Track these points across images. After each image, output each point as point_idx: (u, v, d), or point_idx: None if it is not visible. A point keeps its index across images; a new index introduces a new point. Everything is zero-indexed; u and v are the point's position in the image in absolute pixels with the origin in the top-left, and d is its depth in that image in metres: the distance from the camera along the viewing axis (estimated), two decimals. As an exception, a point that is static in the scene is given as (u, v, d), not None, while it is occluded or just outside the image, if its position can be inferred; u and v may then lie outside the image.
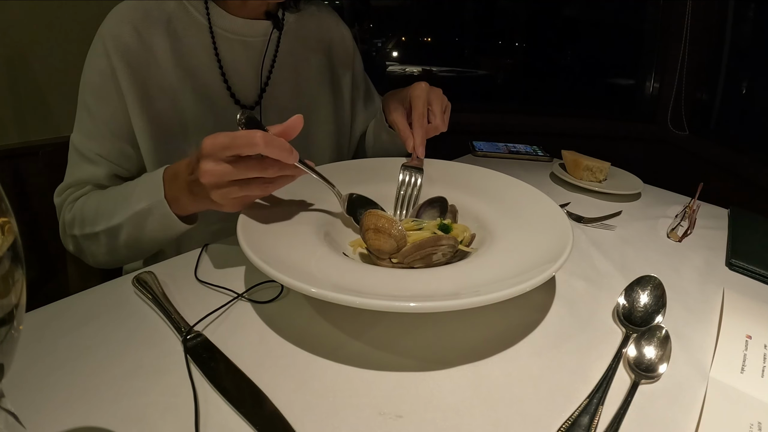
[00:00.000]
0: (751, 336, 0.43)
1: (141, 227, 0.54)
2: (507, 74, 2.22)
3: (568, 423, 0.33)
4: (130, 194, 0.55)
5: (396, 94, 0.70)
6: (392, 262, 0.48)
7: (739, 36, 1.57)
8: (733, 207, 0.77)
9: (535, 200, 0.56)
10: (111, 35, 0.61)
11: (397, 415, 0.33)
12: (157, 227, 0.54)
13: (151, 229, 0.54)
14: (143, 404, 0.33)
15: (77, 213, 0.61)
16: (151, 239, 0.56)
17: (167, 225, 0.53)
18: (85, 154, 0.63)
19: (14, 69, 1.13)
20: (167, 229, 0.54)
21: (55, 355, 0.37)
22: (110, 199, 0.59)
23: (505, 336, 0.42)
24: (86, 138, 0.63)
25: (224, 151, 0.43)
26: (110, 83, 0.61)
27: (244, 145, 0.43)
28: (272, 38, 0.72)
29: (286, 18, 0.76)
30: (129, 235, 0.56)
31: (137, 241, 0.56)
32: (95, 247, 0.60)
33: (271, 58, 0.73)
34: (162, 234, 0.55)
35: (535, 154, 1.03)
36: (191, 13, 0.66)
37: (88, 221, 0.59)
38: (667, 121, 1.71)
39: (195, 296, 0.46)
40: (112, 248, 0.58)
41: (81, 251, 0.63)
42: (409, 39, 2.23)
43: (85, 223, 0.60)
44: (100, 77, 0.62)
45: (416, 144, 0.61)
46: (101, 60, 0.61)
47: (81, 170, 0.63)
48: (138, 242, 0.56)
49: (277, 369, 0.37)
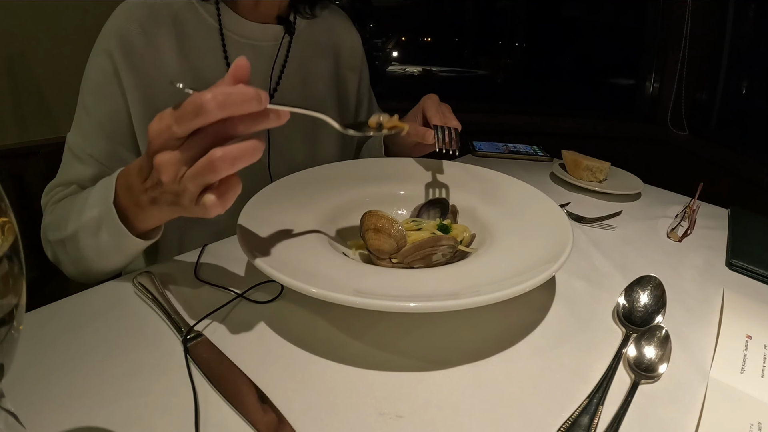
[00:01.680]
0: (751, 336, 0.43)
1: (95, 239, 0.47)
2: (507, 74, 2.22)
3: (568, 423, 0.33)
4: (86, 200, 0.49)
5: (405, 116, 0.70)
6: (392, 262, 0.48)
7: (739, 36, 1.57)
8: (733, 207, 0.77)
9: (535, 200, 0.56)
10: (116, 33, 0.60)
11: (397, 415, 0.33)
12: (110, 241, 0.47)
13: (107, 244, 0.47)
14: (143, 404, 0.33)
15: (55, 216, 0.57)
16: (109, 256, 0.49)
17: (119, 239, 0.46)
18: (76, 153, 0.61)
19: (14, 69, 1.13)
20: (120, 244, 0.46)
21: (55, 355, 0.37)
22: (76, 201, 0.53)
23: (505, 336, 0.42)
24: (80, 137, 0.61)
25: (175, 130, 0.34)
26: (112, 82, 0.60)
27: (193, 113, 0.33)
28: (283, 43, 0.71)
29: (299, 22, 0.74)
30: (86, 247, 0.49)
31: (96, 256, 0.49)
32: (64, 256, 0.53)
33: (281, 63, 0.71)
34: (118, 251, 0.48)
35: (535, 154, 1.03)
36: (201, 15, 0.65)
37: (57, 226, 0.54)
38: (667, 121, 1.72)
39: (195, 296, 0.46)
40: (76, 259, 0.52)
41: (57, 259, 0.56)
42: (409, 39, 2.23)
43: (56, 227, 0.54)
44: (102, 76, 0.60)
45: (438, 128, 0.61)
46: (104, 59, 0.60)
47: (71, 170, 0.61)
48: (99, 255, 0.49)
49: (277, 369, 0.37)
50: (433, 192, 0.61)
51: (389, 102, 0.93)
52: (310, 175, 0.60)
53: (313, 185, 0.58)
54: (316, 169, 0.62)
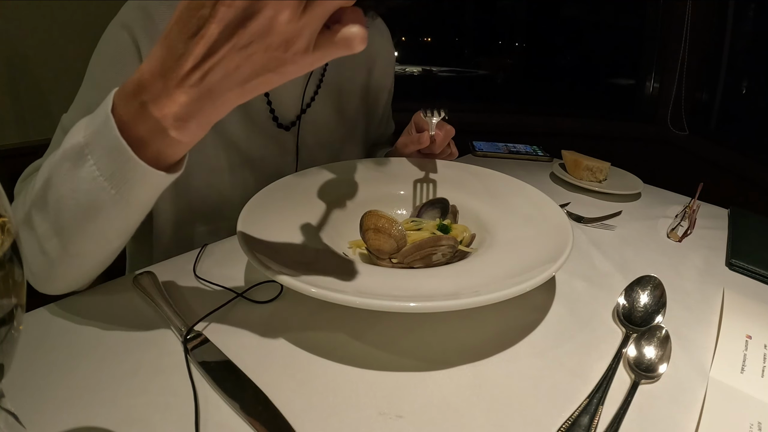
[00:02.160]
0: (751, 336, 0.43)
1: (76, 181, 0.32)
2: (507, 74, 2.22)
3: (568, 423, 0.33)
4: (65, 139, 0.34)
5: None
6: (392, 262, 0.48)
7: (739, 36, 1.57)
8: (733, 207, 0.77)
9: (535, 200, 0.56)
10: (141, 9, 0.53)
11: (397, 415, 0.33)
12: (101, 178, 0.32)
13: (94, 183, 0.32)
14: (143, 404, 0.33)
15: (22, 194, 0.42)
16: (96, 208, 0.33)
17: (117, 167, 0.31)
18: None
19: (14, 69, 1.13)
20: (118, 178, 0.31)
21: (55, 355, 0.37)
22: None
23: (505, 336, 0.42)
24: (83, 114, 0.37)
25: None
26: (130, 55, 0.52)
27: None
28: None
29: None
30: (61, 200, 0.34)
31: (77, 211, 0.33)
32: (31, 241, 0.37)
33: (319, 73, 0.68)
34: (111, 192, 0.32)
35: (535, 154, 1.03)
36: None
37: (22, 200, 0.39)
38: (667, 121, 1.72)
39: (195, 296, 0.46)
40: (46, 235, 0.36)
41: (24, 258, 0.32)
42: (409, 39, 2.23)
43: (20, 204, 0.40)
44: (119, 49, 0.52)
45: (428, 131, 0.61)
46: (121, 32, 0.53)
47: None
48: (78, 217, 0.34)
49: (277, 369, 0.37)
50: (434, 192, 0.61)
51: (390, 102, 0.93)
52: (310, 175, 0.60)
53: (313, 185, 0.58)
54: (316, 169, 0.62)
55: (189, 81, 0.28)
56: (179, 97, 0.28)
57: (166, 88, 0.28)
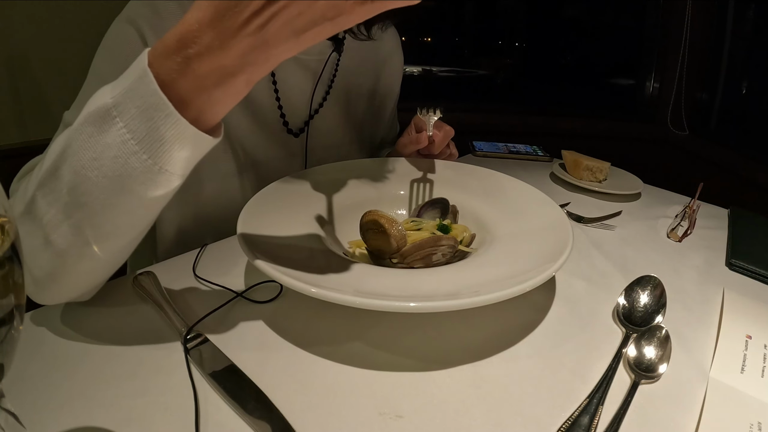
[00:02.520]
0: (751, 336, 0.43)
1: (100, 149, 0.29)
2: (507, 74, 2.22)
3: (568, 423, 0.33)
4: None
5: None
6: (392, 262, 0.48)
7: (739, 36, 1.57)
8: (733, 207, 0.77)
9: (535, 200, 0.56)
10: (149, 5, 0.52)
11: (397, 415, 0.33)
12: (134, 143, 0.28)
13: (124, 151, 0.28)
14: (143, 404, 0.33)
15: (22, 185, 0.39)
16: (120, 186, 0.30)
17: (156, 131, 0.28)
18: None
19: (14, 69, 1.13)
20: (157, 144, 0.28)
21: (55, 355, 0.37)
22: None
23: (505, 336, 0.42)
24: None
25: None
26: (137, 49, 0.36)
27: None
28: (330, 59, 0.66)
29: (349, 40, 0.69)
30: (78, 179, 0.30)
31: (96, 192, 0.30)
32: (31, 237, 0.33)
33: (328, 79, 0.68)
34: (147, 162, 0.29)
35: (535, 154, 1.03)
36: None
37: (22, 191, 0.35)
38: (667, 121, 1.72)
39: (195, 296, 0.46)
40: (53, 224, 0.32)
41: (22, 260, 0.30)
42: (409, 39, 2.23)
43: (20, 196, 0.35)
44: (125, 42, 0.51)
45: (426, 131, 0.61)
46: (128, 27, 0.51)
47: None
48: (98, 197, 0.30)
49: (277, 369, 0.37)
50: (433, 192, 0.61)
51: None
52: (310, 175, 0.60)
53: (313, 185, 0.58)
54: (317, 169, 0.62)
55: (247, 30, 0.26)
56: (235, 47, 0.26)
57: (220, 37, 0.26)
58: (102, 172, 0.29)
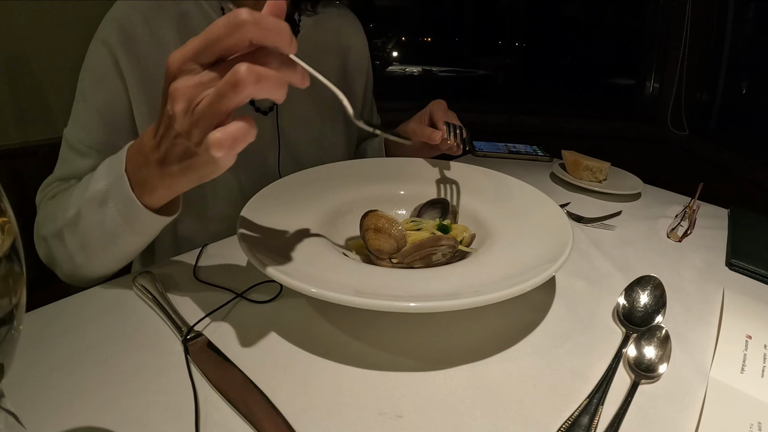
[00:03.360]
0: (751, 336, 0.43)
1: (101, 214, 0.43)
2: (507, 74, 2.22)
3: (568, 423, 0.33)
4: (91, 175, 0.46)
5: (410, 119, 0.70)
6: (392, 262, 0.48)
7: (739, 36, 1.57)
8: (733, 207, 0.76)
9: (535, 200, 0.55)
10: (117, 24, 0.58)
11: (397, 415, 0.33)
12: (118, 217, 0.43)
13: (113, 219, 0.43)
14: (143, 404, 0.33)
15: (50, 208, 0.53)
16: (118, 237, 0.45)
17: (129, 211, 0.42)
18: (75, 146, 0.59)
19: (14, 69, 1.13)
20: (130, 219, 0.43)
21: (55, 355, 0.37)
22: (78, 186, 0.49)
23: (505, 336, 0.42)
24: (79, 128, 0.59)
25: (200, 54, 0.31)
26: (111, 72, 0.58)
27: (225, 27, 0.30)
28: None
29: (304, 22, 0.73)
30: (90, 227, 0.45)
31: (101, 237, 0.45)
32: (62, 250, 0.49)
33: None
34: (130, 230, 0.44)
35: (535, 154, 1.03)
36: (206, 12, 0.64)
37: (51, 217, 0.50)
38: (667, 121, 1.72)
39: (195, 296, 0.46)
40: (75, 249, 0.47)
41: (52, 258, 0.52)
42: (409, 39, 2.23)
43: (51, 219, 0.50)
44: (100, 65, 0.58)
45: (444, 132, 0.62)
46: (101, 48, 0.58)
47: (69, 163, 0.59)
48: (104, 238, 0.45)
49: (277, 369, 0.37)
50: (434, 192, 0.61)
51: (389, 102, 0.93)
52: (310, 175, 0.60)
53: (313, 185, 0.58)
54: (316, 169, 0.62)
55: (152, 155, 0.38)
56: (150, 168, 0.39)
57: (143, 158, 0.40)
58: (103, 231, 0.44)
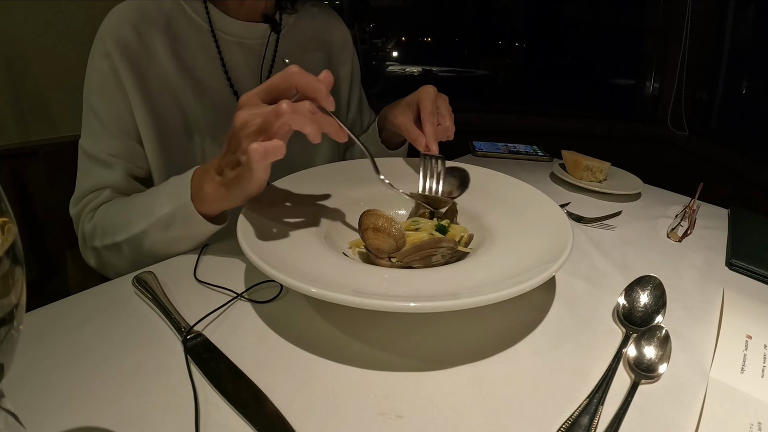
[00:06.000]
0: (751, 336, 0.43)
1: (165, 233, 0.52)
2: (507, 74, 2.22)
3: (568, 423, 0.33)
4: (155, 199, 0.53)
5: (398, 102, 0.70)
6: (391, 262, 0.48)
7: (739, 36, 1.57)
8: (733, 207, 0.77)
9: (535, 200, 0.55)
10: (111, 35, 0.61)
11: (397, 415, 0.33)
12: (183, 233, 0.52)
13: (177, 235, 0.52)
14: (143, 404, 0.33)
15: (98, 223, 0.59)
16: (177, 245, 0.53)
17: (193, 228, 0.51)
18: (96, 156, 0.62)
19: (14, 69, 1.13)
20: (193, 232, 0.52)
21: (55, 355, 0.37)
22: (134, 206, 0.57)
23: (505, 336, 0.42)
24: (96, 140, 0.62)
25: (260, 94, 0.44)
26: (113, 83, 0.61)
27: (280, 78, 0.44)
28: (270, 41, 0.72)
29: (285, 20, 0.75)
30: (153, 243, 0.53)
31: (163, 248, 0.53)
32: (117, 258, 0.57)
33: (270, 60, 0.73)
34: (188, 238, 0.53)
35: (535, 154, 1.03)
36: (189, 15, 0.66)
37: (110, 231, 0.57)
38: (667, 121, 1.71)
39: (195, 296, 0.46)
40: (136, 258, 0.55)
41: (103, 265, 0.60)
42: (409, 39, 2.23)
43: (107, 233, 0.57)
44: (103, 77, 0.61)
45: (429, 141, 0.61)
46: (103, 61, 0.61)
47: (95, 175, 0.62)
48: (164, 249, 0.54)
49: (277, 369, 0.37)
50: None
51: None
52: (309, 175, 0.60)
53: (313, 185, 0.58)
54: (316, 169, 0.62)
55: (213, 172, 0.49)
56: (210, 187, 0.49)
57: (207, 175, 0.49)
58: (167, 247, 0.54)
